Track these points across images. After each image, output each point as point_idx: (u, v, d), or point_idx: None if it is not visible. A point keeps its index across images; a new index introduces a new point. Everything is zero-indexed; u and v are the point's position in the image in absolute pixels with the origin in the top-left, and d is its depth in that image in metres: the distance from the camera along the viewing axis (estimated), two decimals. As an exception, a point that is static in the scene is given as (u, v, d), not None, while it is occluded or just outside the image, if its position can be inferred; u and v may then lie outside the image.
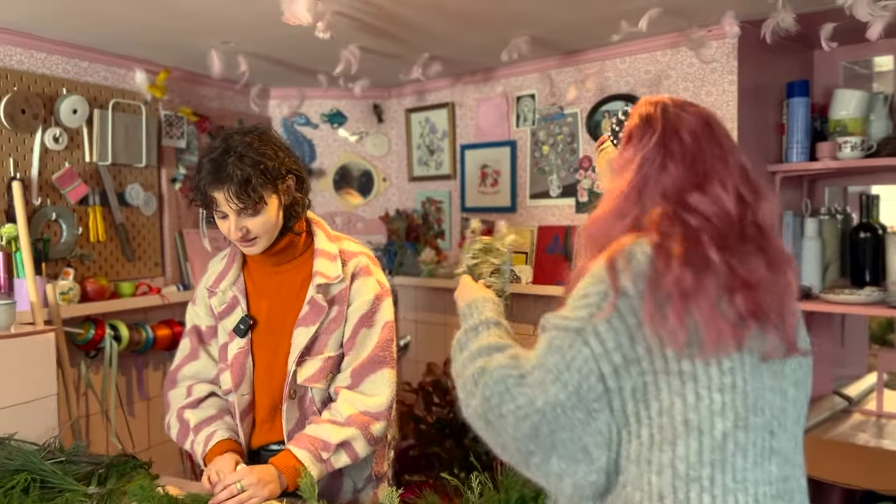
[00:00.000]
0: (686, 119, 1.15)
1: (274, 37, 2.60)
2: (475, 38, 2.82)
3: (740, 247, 1.07)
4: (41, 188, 2.72)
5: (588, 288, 1.04)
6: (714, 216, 1.07)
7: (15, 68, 2.65)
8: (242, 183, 1.64)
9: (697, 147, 1.12)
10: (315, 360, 1.79)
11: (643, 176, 1.11)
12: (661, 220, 1.05)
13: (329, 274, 1.79)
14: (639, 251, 1.03)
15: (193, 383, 1.92)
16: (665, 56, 2.93)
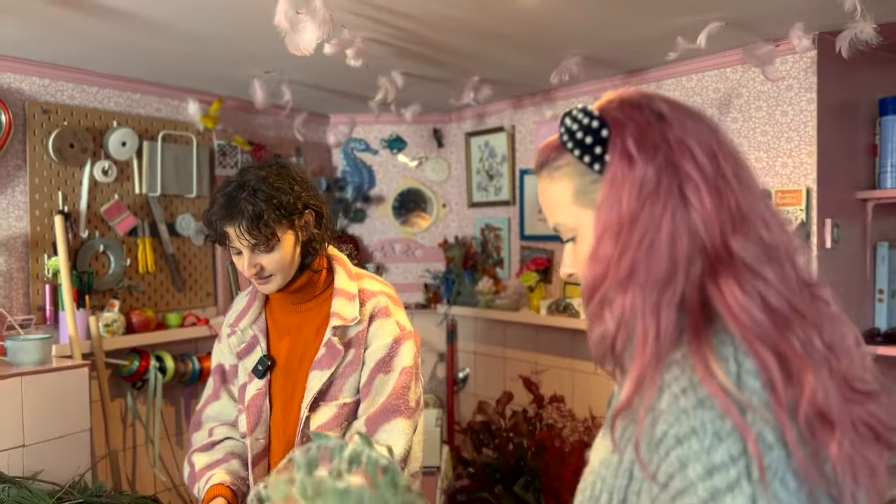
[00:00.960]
0: (689, 125, 0.86)
1: (315, 65, 2.52)
2: (523, 61, 2.65)
3: (813, 321, 0.81)
4: (90, 220, 2.75)
5: (710, 454, 0.72)
6: (774, 277, 0.79)
7: (66, 103, 2.70)
8: (254, 218, 1.57)
9: (716, 166, 0.83)
10: (329, 407, 1.68)
11: (657, 217, 0.80)
12: (731, 298, 0.77)
13: (346, 315, 1.68)
14: (735, 365, 0.75)
15: (215, 425, 1.86)
16: (735, 73, 2.66)
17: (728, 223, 0.81)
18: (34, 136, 2.59)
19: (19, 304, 2.57)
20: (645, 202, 0.82)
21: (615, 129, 0.86)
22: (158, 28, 2.22)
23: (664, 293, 0.80)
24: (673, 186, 0.82)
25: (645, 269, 0.80)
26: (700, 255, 0.80)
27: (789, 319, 0.78)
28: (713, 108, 2.73)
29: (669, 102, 0.89)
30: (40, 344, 2.27)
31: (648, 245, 0.81)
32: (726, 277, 0.79)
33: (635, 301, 0.81)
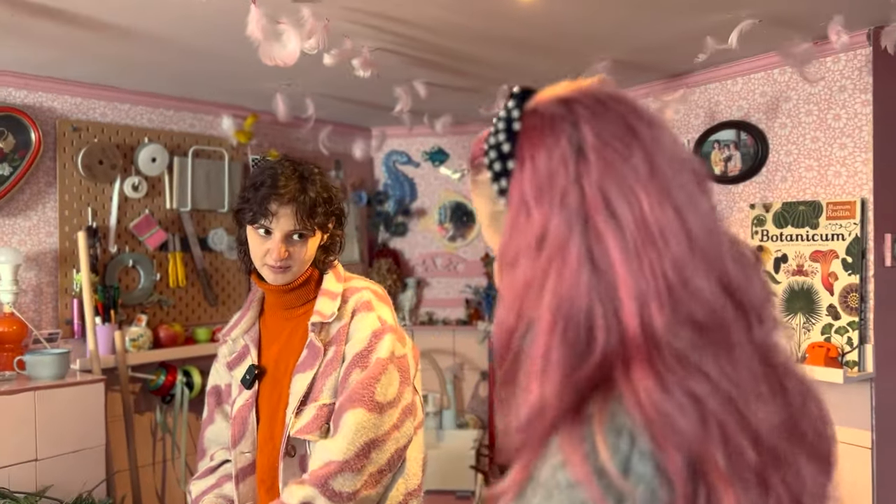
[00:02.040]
0: (615, 162, 0.67)
1: (337, 76, 2.47)
2: (548, 66, 2.52)
3: (766, 421, 0.65)
4: (119, 236, 2.79)
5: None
6: (714, 368, 0.63)
7: (97, 120, 2.75)
8: (311, 205, 1.54)
9: (640, 216, 0.65)
10: (309, 408, 1.57)
11: (569, 287, 0.64)
12: (644, 394, 0.61)
13: (325, 312, 1.60)
14: (627, 448, 0.61)
15: (216, 450, 1.81)
16: (783, 75, 2.44)
17: (652, 296, 0.63)
18: (64, 154, 2.64)
19: (48, 317, 2.62)
20: (549, 265, 0.65)
21: (519, 164, 0.70)
22: (184, 48, 2.23)
23: (571, 377, 0.64)
24: (584, 246, 0.65)
25: (557, 354, 0.64)
26: (618, 336, 0.63)
27: (725, 427, 0.61)
28: (759, 114, 2.52)
29: (600, 121, 0.69)
30: (57, 359, 2.29)
31: (563, 326, 0.64)
32: (642, 368, 0.62)
33: (547, 389, 0.65)
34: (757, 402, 0.65)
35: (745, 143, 2.55)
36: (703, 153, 2.66)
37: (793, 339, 2.33)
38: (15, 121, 2.49)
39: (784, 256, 2.42)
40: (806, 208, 2.37)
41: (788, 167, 2.45)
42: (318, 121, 3.14)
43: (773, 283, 2.44)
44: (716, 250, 0.68)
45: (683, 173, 0.69)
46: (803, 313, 2.35)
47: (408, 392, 1.62)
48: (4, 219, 2.52)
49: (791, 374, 0.72)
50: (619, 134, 0.69)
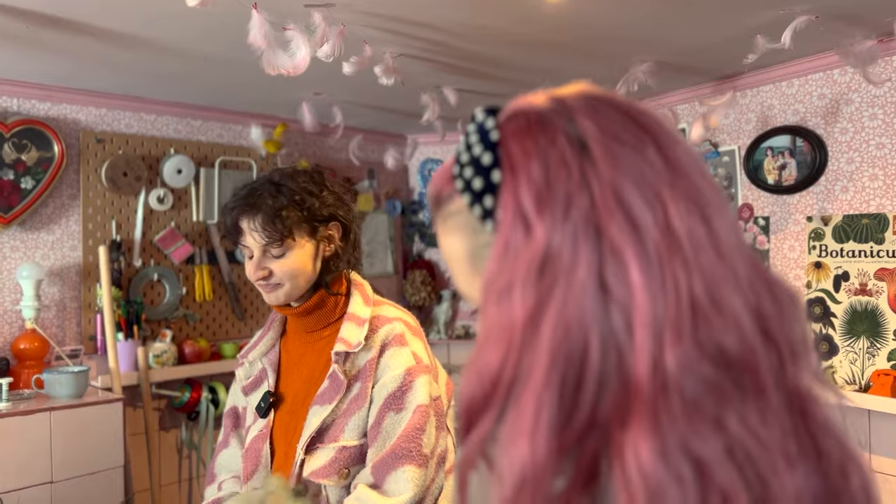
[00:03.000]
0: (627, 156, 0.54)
1: (366, 84, 2.36)
2: (586, 70, 2.36)
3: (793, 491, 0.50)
4: (144, 249, 2.73)
5: None
6: (737, 420, 0.49)
7: (122, 132, 2.70)
8: (272, 213, 1.40)
9: (663, 223, 0.52)
10: (326, 449, 1.43)
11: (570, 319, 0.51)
12: (633, 464, 0.48)
13: (350, 340, 1.44)
14: None
15: (225, 478, 1.68)
16: (844, 75, 2.23)
17: (669, 327, 0.49)
18: (88, 166, 2.60)
19: (72, 333, 2.57)
20: (551, 293, 0.52)
21: (509, 173, 0.56)
22: (210, 58, 2.17)
23: (558, 436, 0.50)
24: (593, 265, 0.51)
25: (549, 405, 0.50)
26: (616, 382, 0.50)
27: (730, 502, 0.47)
28: (817, 118, 2.31)
29: (602, 115, 0.56)
30: (75, 377, 2.24)
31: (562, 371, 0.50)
32: (637, 425, 0.48)
33: (539, 454, 0.50)
34: (786, 467, 0.50)
35: (801, 150, 2.34)
36: (754, 161, 2.46)
37: (854, 365, 2.12)
38: (38, 133, 2.46)
39: (845, 274, 2.21)
40: (870, 221, 2.16)
41: (850, 176, 2.24)
42: (349, 129, 3.05)
43: (833, 303, 2.23)
44: (746, 269, 0.54)
45: (703, 172, 0.56)
46: (867, 337, 2.14)
47: (442, 438, 1.46)
48: (27, 233, 2.48)
49: (830, 433, 0.56)
50: (626, 126, 0.56)
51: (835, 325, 2.22)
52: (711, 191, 0.56)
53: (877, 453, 2.15)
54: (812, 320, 2.29)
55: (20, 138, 2.42)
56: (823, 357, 2.24)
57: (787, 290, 0.57)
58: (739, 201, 2.56)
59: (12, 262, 2.44)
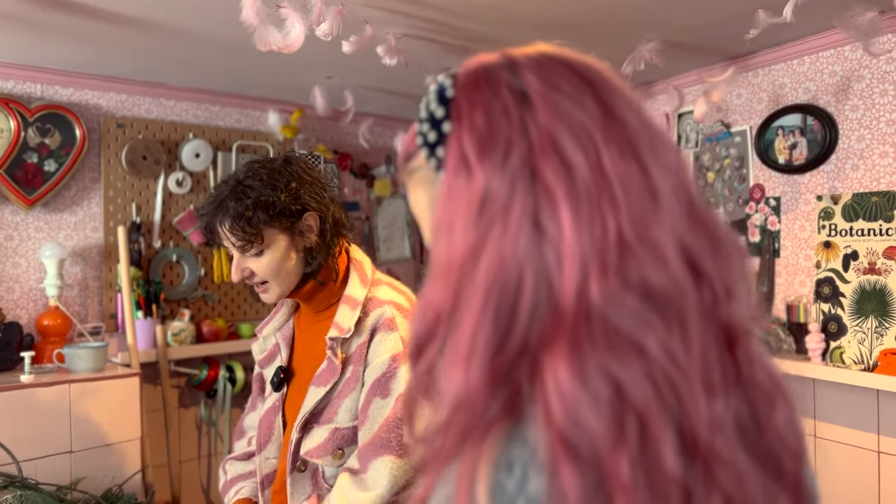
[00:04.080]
0: (564, 104, 0.57)
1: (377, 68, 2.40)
2: (594, 51, 2.35)
3: (712, 413, 0.53)
4: (164, 231, 2.81)
5: None
6: (657, 346, 0.52)
7: (142, 117, 2.78)
8: (236, 217, 1.41)
9: (595, 166, 0.55)
10: (321, 430, 1.48)
11: (506, 255, 0.54)
12: (552, 383, 0.51)
13: (342, 325, 1.47)
14: (515, 490, 0.51)
15: (254, 435, 1.76)
16: (855, 52, 2.20)
17: (595, 260, 0.53)
18: (108, 150, 2.68)
19: (94, 311, 2.67)
20: (488, 231, 0.55)
21: (456, 123, 0.60)
22: (227, 44, 2.22)
23: (491, 363, 0.53)
24: (528, 206, 0.55)
25: (483, 334, 0.54)
26: (546, 311, 0.53)
27: (647, 421, 0.50)
28: (828, 96, 2.28)
29: (546, 70, 0.60)
30: (93, 352, 2.32)
31: (496, 299, 0.54)
32: (560, 350, 0.51)
33: (472, 379, 0.54)
34: (706, 393, 0.53)
35: (811, 129, 2.31)
36: (765, 141, 2.44)
37: (863, 345, 2.10)
38: (60, 118, 2.55)
39: (854, 253, 2.18)
40: (879, 199, 2.13)
41: (860, 154, 2.20)
42: (362, 114, 3.09)
43: (842, 283, 2.20)
44: (682, 210, 0.57)
45: (644, 121, 0.59)
46: (875, 316, 2.11)
47: None
48: (51, 214, 2.57)
49: (759, 367, 0.59)
50: (567, 78, 0.60)
51: (844, 305, 2.19)
52: (653, 140, 0.59)
53: (885, 434, 2.12)
54: (821, 300, 2.26)
55: (43, 123, 2.51)
56: (832, 337, 2.22)
57: (727, 234, 0.60)
58: (751, 182, 2.54)
59: (36, 242, 2.54)
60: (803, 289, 2.35)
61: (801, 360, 2.25)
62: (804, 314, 2.32)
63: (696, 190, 0.60)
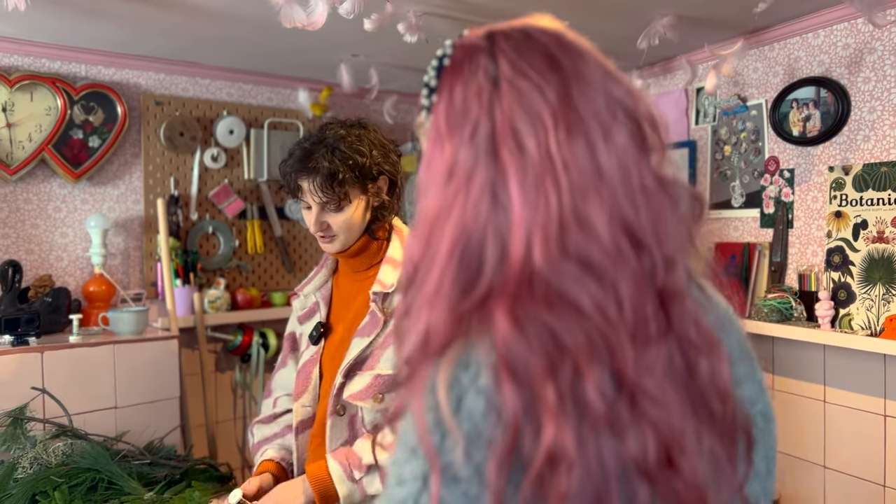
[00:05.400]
0: (527, 91, 0.66)
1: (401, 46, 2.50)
2: (614, 27, 2.42)
3: (643, 360, 0.63)
4: (200, 204, 2.96)
5: (403, 466, 0.63)
6: (591, 304, 0.61)
7: (179, 95, 2.92)
8: (328, 176, 1.58)
9: (544, 148, 0.64)
10: (364, 376, 1.63)
11: (468, 218, 0.64)
12: (497, 328, 0.61)
13: (385, 282, 1.65)
14: (468, 383, 0.61)
15: (280, 395, 1.92)
16: (868, 24, 2.23)
17: (538, 232, 0.62)
18: (148, 126, 2.83)
19: (136, 279, 2.83)
20: (455, 197, 0.65)
21: (439, 96, 0.71)
22: (258, 22, 2.32)
23: (455, 307, 0.64)
24: (487, 179, 0.64)
25: (448, 285, 0.64)
26: (502, 268, 0.63)
27: (578, 363, 0.60)
28: (842, 68, 2.32)
29: (520, 55, 0.69)
30: (135, 316, 2.48)
31: (460, 253, 0.64)
32: (504, 301, 0.61)
33: (433, 319, 0.65)
34: (635, 342, 0.62)
35: (825, 101, 2.36)
36: (780, 114, 2.49)
37: (870, 311, 2.15)
38: (103, 96, 2.70)
39: (864, 222, 2.23)
40: (889, 169, 2.17)
41: (871, 125, 2.25)
42: (384, 91, 3.18)
43: (852, 252, 2.25)
44: (626, 189, 0.66)
45: (603, 106, 0.67)
46: (883, 283, 2.16)
47: None
48: (95, 187, 2.73)
49: (695, 325, 0.68)
50: (537, 66, 0.68)
51: (853, 273, 2.25)
52: (606, 123, 0.67)
53: (891, 398, 2.18)
54: (832, 269, 2.32)
55: (88, 101, 2.67)
56: (841, 305, 2.28)
57: (675, 208, 0.68)
58: (766, 154, 2.59)
59: (82, 213, 2.71)
60: (815, 258, 2.41)
61: (812, 327, 2.31)
62: (815, 283, 2.38)
63: (650, 167, 0.68)
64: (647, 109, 0.71)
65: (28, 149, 2.56)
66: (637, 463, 0.60)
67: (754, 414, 0.75)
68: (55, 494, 1.90)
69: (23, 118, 2.55)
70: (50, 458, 2.02)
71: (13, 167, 2.53)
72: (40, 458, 2.02)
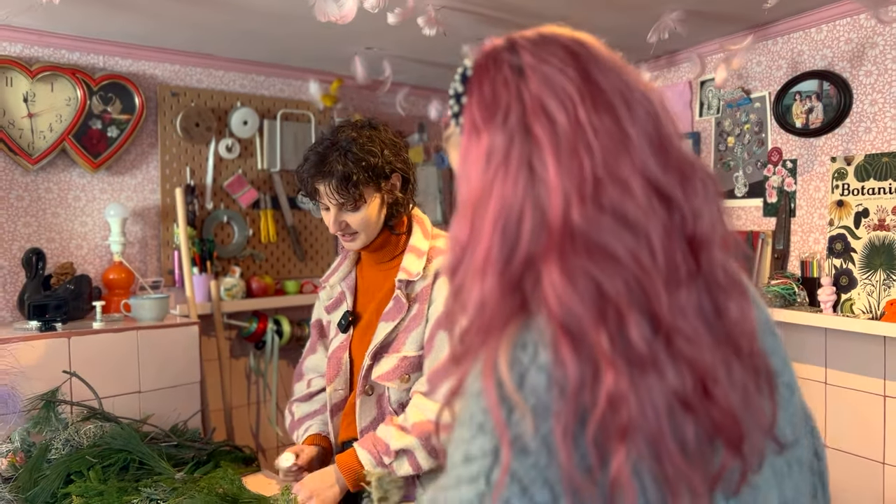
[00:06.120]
0: (550, 75, 0.73)
1: (414, 38, 2.56)
2: (621, 20, 2.49)
3: (676, 302, 0.69)
4: (215, 194, 3.01)
5: (470, 444, 0.67)
6: (626, 254, 0.67)
7: (194, 86, 2.97)
8: (343, 179, 1.67)
9: (574, 122, 0.71)
10: (391, 358, 1.73)
11: (507, 194, 0.70)
12: (548, 283, 0.67)
13: (411, 270, 1.74)
14: (528, 361, 0.67)
15: (314, 377, 2.01)
16: (870, 20, 2.32)
17: (574, 192, 0.68)
18: (164, 117, 2.88)
19: (153, 267, 2.88)
20: (494, 177, 0.72)
21: (468, 95, 0.78)
22: (271, 13, 2.38)
23: (503, 275, 0.70)
24: (523, 156, 0.71)
25: (498, 253, 0.71)
26: (543, 233, 0.69)
27: (620, 309, 0.66)
28: (844, 62, 2.40)
29: (540, 48, 0.76)
30: (157, 303, 2.53)
31: (502, 227, 0.71)
32: (552, 259, 0.68)
33: (486, 287, 0.71)
34: (669, 286, 0.69)
35: (827, 94, 2.44)
36: (783, 106, 2.57)
37: (871, 296, 2.24)
38: (121, 87, 2.74)
39: (865, 211, 2.32)
40: (890, 160, 2.26)
41: (873, 117, 2.33)
42: (396, 83, 3.24)
43: (854, 239, 2.35)
44: (652, 151, 0.73)
45: (623, 85, 0.74)
46: (884, 269, 2.25)
47: None
48: (113, 177, 2.78)
49: (723, 270, 0.75)
50: (557, 54, 0.75)
51: (854, 259, 2.34)
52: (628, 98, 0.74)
53: (891, 378, 2.27)
54: (834, 256, 2.41)
55: (106, 92, 2.71)
56: (843, 290, 2.37)
57: (698, 170, 0.76)
58: (769, 146, 2.67)
59: (101, 202, 2.75)
60: (817, 246, 2.50)
61: (814, 311, 2.40)
62: (817, 269, 2.47)
63: (672, 136, 0.75)
64: (659, 96, 0.78)
65: (49, 139, 2.60)
66: (677, 394, 0.67)
67: (780, 385, 0.83)
68: (90, 474, 1.96)
69: (44, 108, 2.59)
70: (81, 439, 2.08)
71: (35, 157, 2.58)
72: (72, 439, 2.07)
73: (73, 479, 1.96)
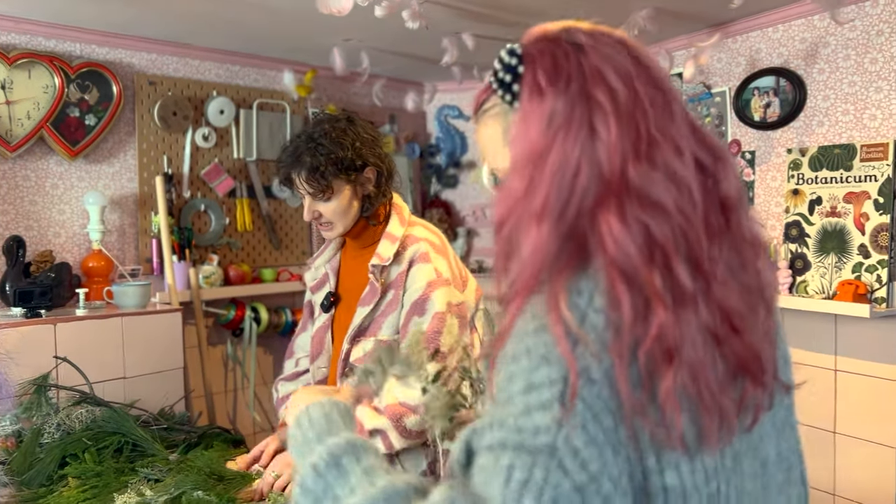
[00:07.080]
0: (608, 53, 0.82)
1: (391, 31, 2.63)
2: (591, 17, 2.61)
3: (710, 252, 0.80)
4: (192, 182, 3.03)
5: (532, 373, 0.73)
6: (673, 205, 0.77)
7: (170, 75, 2.98)
8: (312, 170, 1.74)
9: (632, 90, 0.80)
10: (367, 342, 1.81)
11: (567, 151, 0.78)
12: (606, 229, 0.75)
13: (383, 255, 1.80)
14: (585, 305, 0.74)
15: (302, 356, 2.08)
16: (823, 21, 2.49)
17: (631, 151, 0.77)
18: (142, 106, 2.89)
19: (131, 255, 2.89)
20: (555, 136, 0.80)
21: (528, 64, 0.85)
22: (250, 3, 2.41)
23: (558, 223, 0.79)
24: (584, 118, 0.79)
25: (554, 203, 0.79)
26: (598, 185, 0.78)
27: (667, 252, 0.76)
28: (799, 60, 2.57)
29: (592, 33, 0.86)
30: (140, 290, 2.56)
31: (559, 180, 0.79)
32: (609, 207, 0.77)
33: (543, 231, 0.79)
34: (707, 236, 0.80)
35: (784, 90, 2.61)
36: (742, 100, 2.73)
37: (824, 278, 2.42)
38: (98, 75, 2.74)
39: (818, 199, 2.49)
40: (841, 151, 2.44)
41: (825, 112, 2.51)
42: (372, 75, 3.31)
43: (808, 225, 2.52)
44: (690, 129, 0.84)
45: (661, 72, 0.86)
46: (835, 253, 2.43)
47: (465, 335, 1.81)
48: (91, 165, 2.78)
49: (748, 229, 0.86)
50: (608, 39, 0.85)
51: (808, 244, 2.51)
52: (667, 87, 0.84)
53: (841, 354, 2.46)
54: (790, 241, 2.58)
55: (83, 80, 2.71)
56: (798, 273, 2.54)
57: (718, 147, 0.87)
58: (729, 138, 2.83)
59: (79, 190, 2.75)
60: (774, 232, 2.67)
61: (771, 293, 2.57)
62: (774, 254, 2.64)
63: (700, 123, 0.87)
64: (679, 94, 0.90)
65: (27, 126, 2.59)
66: (709, 329, 0.77)
67: (778, 357, 0.95)
68: (85, 456, 1.99)
69: (21, 96, 2.58)
70: (73, 423, 2.10)
71: (13, 144, 2.57)
72: (64, 424, 2.10)
73: (68, 461, 1.99)
